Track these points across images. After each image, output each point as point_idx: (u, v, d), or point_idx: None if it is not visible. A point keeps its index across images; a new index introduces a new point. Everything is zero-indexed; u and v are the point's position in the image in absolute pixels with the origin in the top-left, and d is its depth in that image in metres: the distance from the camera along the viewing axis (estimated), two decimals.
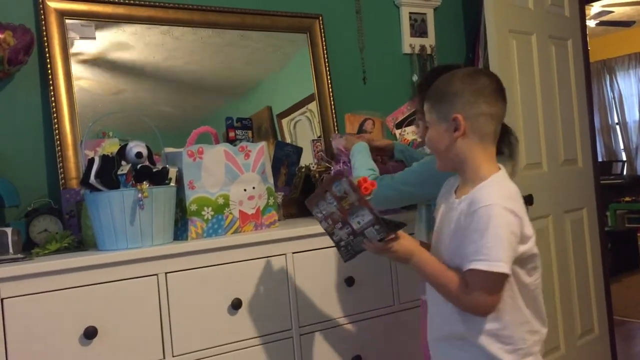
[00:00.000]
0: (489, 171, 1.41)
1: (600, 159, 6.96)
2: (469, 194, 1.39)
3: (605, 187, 3.54)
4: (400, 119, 2.59)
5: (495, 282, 1.33)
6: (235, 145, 1.87)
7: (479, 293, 1.33)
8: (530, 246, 1.39)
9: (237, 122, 2.13)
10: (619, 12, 6.70)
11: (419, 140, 2.35)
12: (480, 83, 1.43)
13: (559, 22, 2.99)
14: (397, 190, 1.81)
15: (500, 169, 1.44)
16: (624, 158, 8.16)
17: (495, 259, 1.29)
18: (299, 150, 2.10)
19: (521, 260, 1.39)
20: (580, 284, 2.92)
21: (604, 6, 6.29)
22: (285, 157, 2.08)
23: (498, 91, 1.45)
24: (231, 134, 2.15)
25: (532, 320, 1.45)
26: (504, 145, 1.71)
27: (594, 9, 6.21)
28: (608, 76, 8.31)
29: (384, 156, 2.11)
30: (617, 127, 8.30)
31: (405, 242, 1.43)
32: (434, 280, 1.41)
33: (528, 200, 2.55)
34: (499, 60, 2.55)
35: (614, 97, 8.31)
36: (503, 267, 1.29)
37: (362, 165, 1.93)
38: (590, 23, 6.31)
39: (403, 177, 1.83)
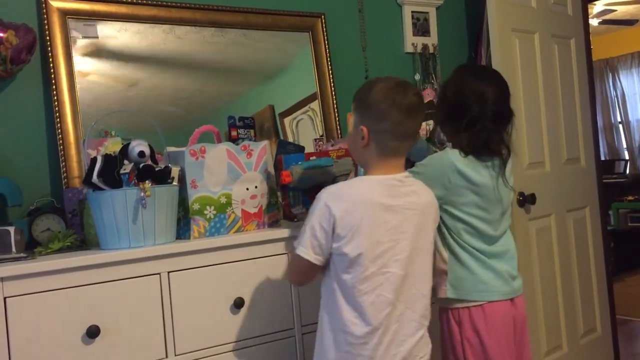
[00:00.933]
0: (369, 174, 1.54)
1: (602, 158, 6.96)
2: None
3: (608, 186, 3.54)
4: None
5: (300, 264, 1.51)
6: (237, 144, 1.87)
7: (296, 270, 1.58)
8: (340, 245, 1.46)
9: (239, 121, 2.13)
10: (621, 11, 6.69)
11: (422, 138, 2.35)
12: (396, 100, 1.50)
13: (562, 20, 2.98)
14: None
15: (389, 174, 1.52)
16: (627, 157, 8.14)
17: (301, 244, 1.49)
18: (301, 149, 2.09)
19: (337, 257, 1.48)
20: (582, 283, 2.91)
21: (606, 5, 6.27)
22: (287, 155, 2.08)
23: (411, 109, 1.52)
24: (233, 133, 2.15)
25: (351, 317, 1.46)
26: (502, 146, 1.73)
27: (596, 7, 6.19)
28: (611, 75, 8.29)
29: None
30: (620, 125, 8.28)
31: None
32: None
33: (530, 199, 2.55)
34: (501, 59, 2.55)
35: (616, 96, 8.29)
36: (302, 251, 1.48)
37: None
38: (593, 22, 6.29)
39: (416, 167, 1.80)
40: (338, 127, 2.58)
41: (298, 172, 1.89)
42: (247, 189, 1.90)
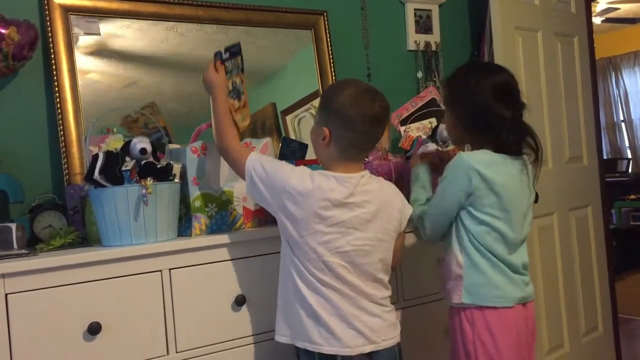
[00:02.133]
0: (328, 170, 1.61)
1: (605, 157, 6.93)
2: None
3: (610, 185, 3.53)
4: (404, 115, 2.58)
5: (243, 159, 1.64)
6: (228, 78, 1.83)
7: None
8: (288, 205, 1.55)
9: (225, 52, 1.88)
10: (624, 9, 6.68)
11: (424, 137, 2.34)
12: (362, 110, 1.55)
13: (565, 18, 2.98)
14: (435, 216, 1.76)
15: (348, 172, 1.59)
16: (630, 156, 8.13)
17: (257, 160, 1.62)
18: (304, 147, 2.09)
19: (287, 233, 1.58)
20: (584, 282, 2.91)
21: (609, 3, 6.26)
22: (291, 153, 2.07)
23: (375, 120, 1.58)
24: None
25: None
26: (524, 147, 1.72)
27: (599, 5, 6.19)
28: (613, 73, 8.28)
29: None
30: (623, 124, 8.28)
31: (218, 76, 1.75)
32: (220, 121, 1.71)
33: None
34: (504, 57, 2.54)
35: (619, 94, 8.28)
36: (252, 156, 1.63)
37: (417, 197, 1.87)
38: (596, 20, 6.28)
39: (432, 203, 1.78)
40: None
41: None
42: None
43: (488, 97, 1.70)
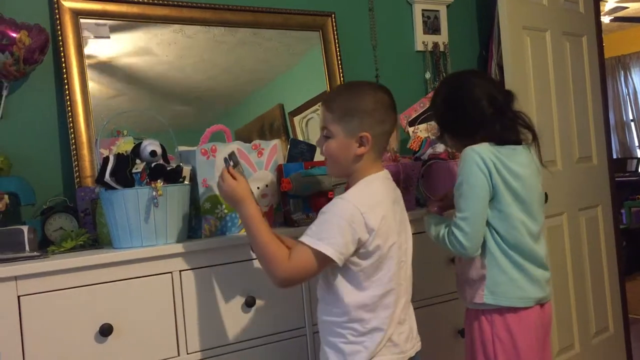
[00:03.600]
0: (369, 174, 1.54)
1: (614, 156, 6.89)
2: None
3: (620, 185, 3.51)
4: (413, 116, 2.58)
5: (316, 259, 1.43)
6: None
7: (297, 264, 1.44)
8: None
9: (230, 160, 1.73)
10: (633, 8, 6.64)
11: (433, 138, 2.34)
12: (385, 102, 1.55)
13: (574, 18, 2.97)
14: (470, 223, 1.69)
15: (382, 170, 1.57)
16: (639, 155, 8.08)
17: (319, 237, 1.42)
18: (312, 148, 2.09)
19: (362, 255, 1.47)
20: (594, 282, 2.90)
21: (618, 2, 6.23)
22: (299, 154, 2.08)
23: (394, 106, 1.59)
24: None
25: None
26: (519, 131, 1.73)
27: (608, 4, 6.15)
28: (622, 72, 8.24)
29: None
30: (632, 123, 8.22)
31: (240, 185, 1.54)
32: (257, 241, 1.48)
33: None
34: (512, 57, 2.54)
35: (628, 94, 8.23)
36: (322, 246, 1.41)
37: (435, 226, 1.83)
38: (605, 19, 6.25)
39: (463, 208, 1.70)
40: None
41: (298, 179, 1.89)
42: (258, 187, 1.90)
43: (458, 102, 1.76)
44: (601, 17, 3.38)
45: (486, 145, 1.70)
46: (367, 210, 1.45)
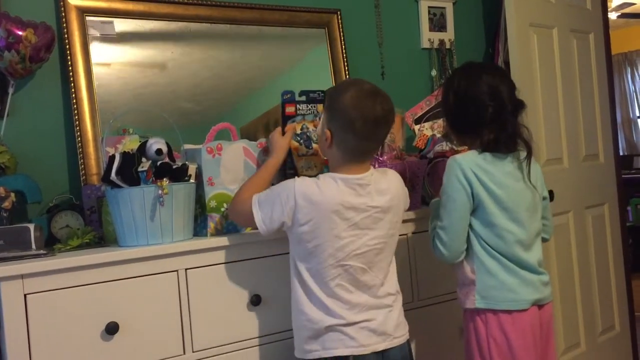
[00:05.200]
0: (335, 172, 1.59)
1: (621, 154, 6.85)
2: None
3: (626, 182, 3.48)
4: (419, 114, 2.57)
5: (248, 213, 1.61)
6: (300, 121, 1.82)
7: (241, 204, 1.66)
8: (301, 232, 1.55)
9: (301, 95, 1.85)
10: None
11: (439, 135, 2.34)
12: (364, 112, 1.54)
13: (581, 15, 2.95)
14: (449, 229, 1.72)
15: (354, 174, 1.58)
16: None
17: (259, 202, 1.59)
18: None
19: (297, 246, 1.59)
20: (601, 280, 2.89)
21: None
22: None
23: (378, 122, 1.56)
24: (289, 109, 1.86)
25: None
26: (519, 143, 1.71)
27: (615, 1, 6.11)
28: (629, 69, 8.18)
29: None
30: (639, 120, 8.18)
31: (283, 139, 1.78)
32: (250, 181, 1.71)
33: (549, 196, 2.52)
34: (519, 54, 2.53)
35: (635, 90, 8.18)
36: (255, 210, 1.58)
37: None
38: (612, 15, 6.21)
39: (444, 216, 1.73)
40: None
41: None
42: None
43: (464, 99, 1.73)
44: (608, 13, 3.35)
45: (472, 154, 1.71)
46: (302, 200, 1.53)
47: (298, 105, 1.74)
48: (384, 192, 1.61)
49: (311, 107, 1.77)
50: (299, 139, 1.75)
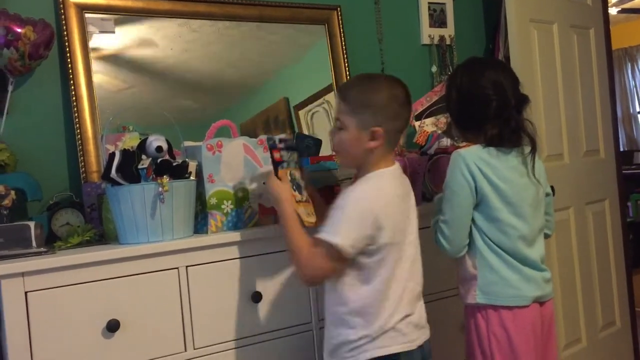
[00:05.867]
0: (378, 168, 1.56)
1: (622, 149, 6.85)
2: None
3: (627, 178, 3.49)
4: (419, 110, 2.57)
5: (333, 253, 1.47)
6: (285, 168, 1.72)
7: (316, 258, 1.49)
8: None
9: (279, 142, 1.78)
10: None
11: (439, 132, 2.33)
12: (400, 98, 1.56)
13: (581, 10, 2.95)
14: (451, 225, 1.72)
15: (393, 164, 1.59)
16: None
17: (336, 232, 1.46)
18: (318, 142, 2.09)
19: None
20: (601, 276, 2.89)
21: None
22: (305, 149, 2.07)
23: (409, 103, 1.60)
24: (276, 155, 1.79)
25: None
26: (523, 138, 1.71)
27: None
28: (630, 64, 8.18)
29: None
30: (639, 116, 8.17)
31: (283, 185, 1.61)
32: (288, 237, 1.55)
33: (551, 192, 2.52)
34: (519, 50, 2.52)
35: (635, 86, 8.17)
36: (338, 240, 1.45)
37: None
38: (612, 10, 6.19)
39: (446, 210, 1.73)
40: None
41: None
42: (264, 183, 1.89)
43: (468, 95, 1.73)
44: (608, 8, 3.35)
45: (476, 148, 1.70)
46: (379, 208, 1.48)
47: (281, 152, 1.69)
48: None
49: (289, 154, 1.71)
50: (291, 185, 1.66)
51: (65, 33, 2.02)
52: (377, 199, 1.50)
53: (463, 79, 1.76)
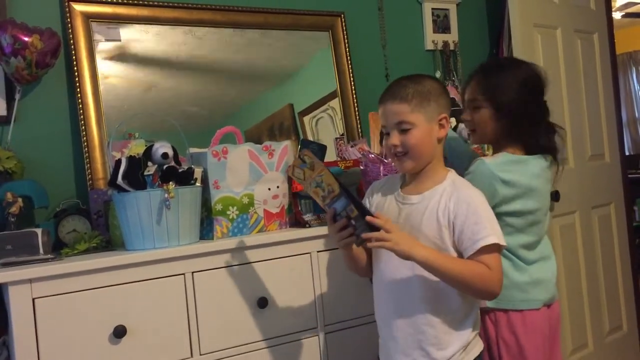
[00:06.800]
0: (445, 168, 1.53)
1: (627, 153, 6.82)
2: (434, 189, 1.48)
3: (633, 182, 3.47)
4: None
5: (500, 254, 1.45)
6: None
7: (499, 268, 1.43)
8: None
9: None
10: None
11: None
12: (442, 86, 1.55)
13: (585, 15, 2.95)
14: None
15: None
16: None
17: (497, 233, 1.42)
18: (323, 148, 2.09)
19: None
20: (608, 281, 2.88)
21: None
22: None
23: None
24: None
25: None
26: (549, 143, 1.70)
27: (619, 0, 6.10)
28: (634, 68, 8.15)
29: None
30: None
31: (404, 232, 1.43)
32: (455, 273, 1.39)
33: (554, 196, 2.52)
34: (523, 55, 2.52)
35: None
36: (502, 239, 1.43)
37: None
38: (616, 15, 6.19)
39: None
40: (359, 126, 2.58)
41: None
42: (269, 189, 1.90)
43: (527, 91, 1.68)
44: (612, 13, 3.35)
45: (503, 157, 1.65)
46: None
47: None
48: None
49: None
50: (315, 185, 1.45)
51: (71, 42, 2.04)
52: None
53: (527, 79, 1.70)
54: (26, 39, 1.85)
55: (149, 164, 1.68)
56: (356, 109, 2.59)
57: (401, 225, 1.46)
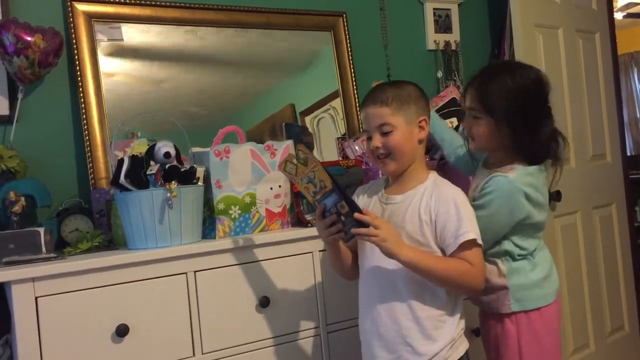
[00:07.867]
0: (425, 169, 1.59)
1: (629, 153, 6.82)
2: (416, 188, 1.53)
3: (634, 182, 3.47)
4: None
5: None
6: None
7: (482, 264, 1.50)
8: None
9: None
10: None
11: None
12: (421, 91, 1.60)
13: (586, 15, 2.95)
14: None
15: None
16: None
17: (476, 231, 1.47)
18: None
19: None
20: (609, 281, 2.88)
21: None
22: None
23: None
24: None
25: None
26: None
27: (621, 1, 6.09)
28: (636, 69, 8.15)
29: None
30: None
31: (392, 229, 1.46)
32: (440, 271, 1.44)
33: (556, 196, 2.52)
34: (524, 55, 2.52)
35: None
36: (479, 237, 1.48)
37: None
38: (617, 15, 6.18)
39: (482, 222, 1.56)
40: (360, 126, 2.58)
41: None
42: (271, 188, 1.91)
43: (527, 99, 1.64)
44: (614, 13, 3.35)
45: (523, 171, 1.61)
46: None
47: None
48: None
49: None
50: (306, 181, 1.47)
51: (74, 41, 2.05)
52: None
53: (530, 84, 1.68)
54: (29, 38, 1.86)
55: (152, 163, 1.68)
56: (358, 109, 2.59)
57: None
